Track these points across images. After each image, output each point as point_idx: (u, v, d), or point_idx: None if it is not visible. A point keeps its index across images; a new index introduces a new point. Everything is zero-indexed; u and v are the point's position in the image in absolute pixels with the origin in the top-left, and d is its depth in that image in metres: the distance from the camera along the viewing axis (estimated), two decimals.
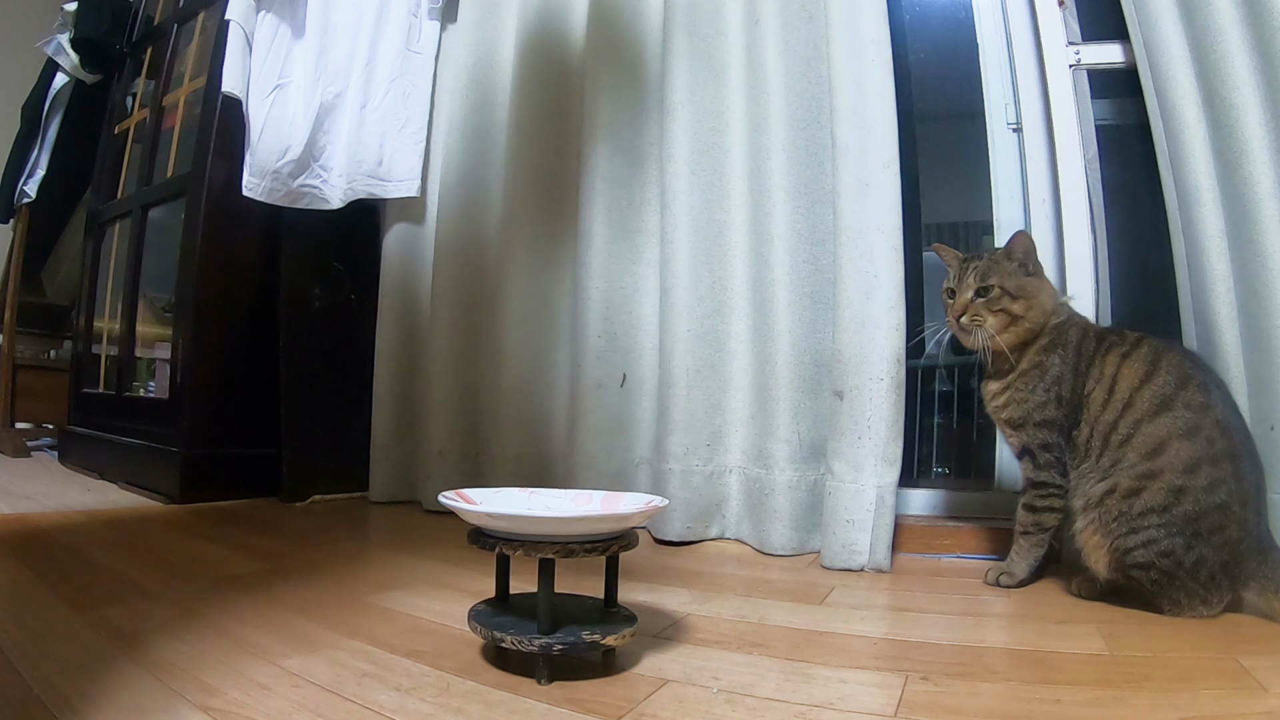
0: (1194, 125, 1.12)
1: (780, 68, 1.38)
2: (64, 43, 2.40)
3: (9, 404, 2.65)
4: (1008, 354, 1.07)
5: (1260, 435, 1.05)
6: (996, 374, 1.10)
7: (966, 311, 1.08)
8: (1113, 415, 0.99)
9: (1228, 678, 0.71)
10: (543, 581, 0.69)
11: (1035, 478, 1.05)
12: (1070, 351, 1.05)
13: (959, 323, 1.09)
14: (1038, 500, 1.05)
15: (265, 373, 1.77)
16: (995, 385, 1.10)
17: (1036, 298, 1.07)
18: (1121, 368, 1.01)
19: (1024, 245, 1.08)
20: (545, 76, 1.68)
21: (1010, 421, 1.08)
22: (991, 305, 1.07)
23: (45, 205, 2.64)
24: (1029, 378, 1.06)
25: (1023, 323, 1.07)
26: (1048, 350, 1.06)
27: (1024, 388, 1.06)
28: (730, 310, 1.41)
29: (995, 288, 1.07)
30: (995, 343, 1.07)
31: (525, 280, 1.66)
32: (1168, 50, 1.15)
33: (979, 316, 1.07)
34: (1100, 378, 1.02)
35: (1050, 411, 1.04)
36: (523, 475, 1.60)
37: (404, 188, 1.83)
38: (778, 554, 1.29)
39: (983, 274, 1.08)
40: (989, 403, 1.12)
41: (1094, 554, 0.97)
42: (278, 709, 0.61)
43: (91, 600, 0.90)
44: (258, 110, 1.71)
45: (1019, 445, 1.08)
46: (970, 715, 0.63)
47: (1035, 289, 1.07)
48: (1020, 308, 1.06)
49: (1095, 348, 1.04)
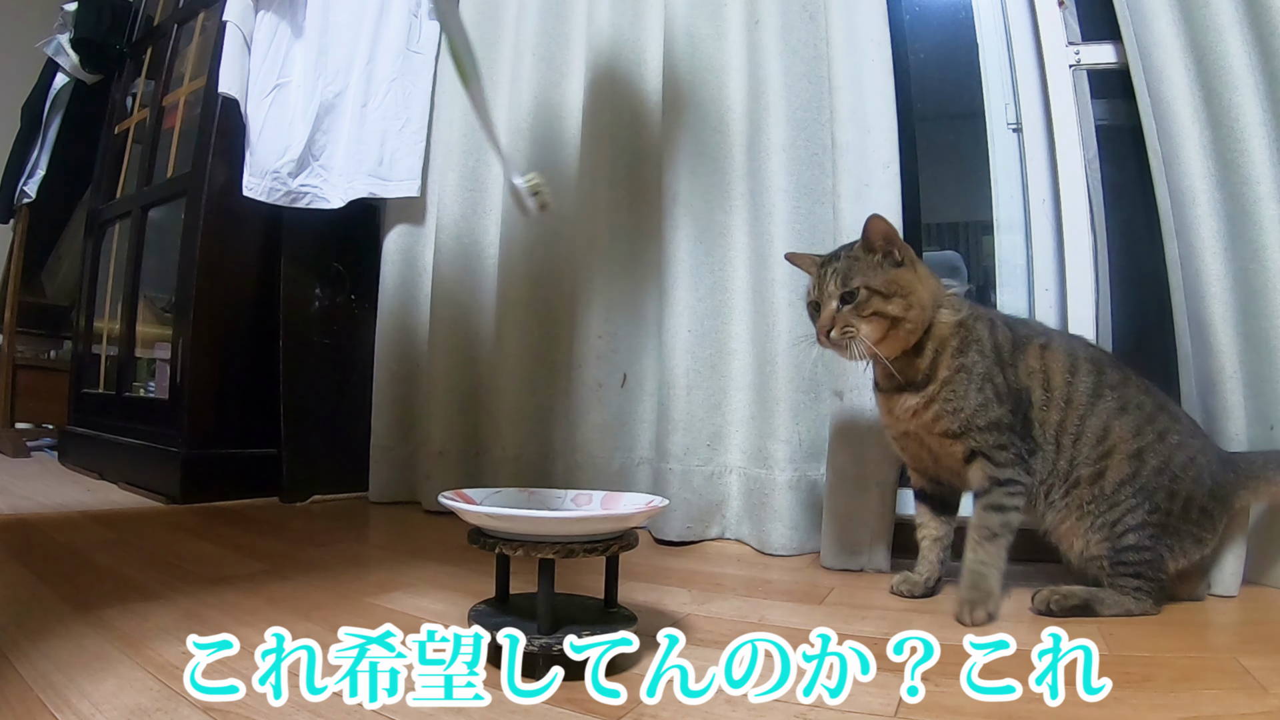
0: (1189, 126, 1.12)
1: (780, 68, 1.38)
2: (64, 43, 2.40)
3: (9, 404, 2.66)
4: (900, 362, 0.96)
5: (1259, 435, 1.06)
6: (908, 386, 0.98)
7: (835, 325, 0.94)
8: (1058, 415, 0.97)
9: (1228, 678, 0.71)
10: (543, 581, 0.69)
11: (1000, 475, 0.95)
12: (987, 345, 0.97)
13: (830, 339, 0.95)
14: (1006, 499, 0.95)
15: (265, 373, 1.77)
16: (912, 400, 0.97)
17: (913, 292, 0.94)
18: (1047, 361, 0.98)
19: (880, 231, 0.93)
20: (544, 76, 1.68)
21: (948, 433, 0.97)
22: (861, 310, 0.93)
23: (45, 205, 2.65)
24: (955, 384, 0.96)
25: (903, 324, 0.94)
26: (961, 351, 0.96)
27: (953, 397, 0.96)
28: (730, 310, 1.41)
29: (861, 289, 0.93)
30: (876, 352, 0.94)
31: (526, 281, 1.65)
32: (1163, 51, 1.15)
33: (850, 328, 0.93)
34: (1031, 371, 0.98)
35: (995, 411, 0.95)
36: (523, 475, 1.60)
37: (404, 187, 1.83)
38: (778, 554, 1.29)
39: (843, 276, 0.94)
40: (904, 420, 0.99)
41: (1075, 541, 0.97)
42: (278, 709, 0.61)
43: (91, 600, 0.90)
44: (257, 110, 1.71)
45: (963, 452, 0.97)
46: (970, 715, 0.63)
47: (909, 281, 0.94)
48: (896, 307, 0.93)
49: (1012, 337, 0.99)
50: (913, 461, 1.07)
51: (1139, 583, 0.93)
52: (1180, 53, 1.13)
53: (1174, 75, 1.13)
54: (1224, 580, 1.03)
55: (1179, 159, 1.13)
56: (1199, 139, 1.11)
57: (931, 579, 1.04)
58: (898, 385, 0.99)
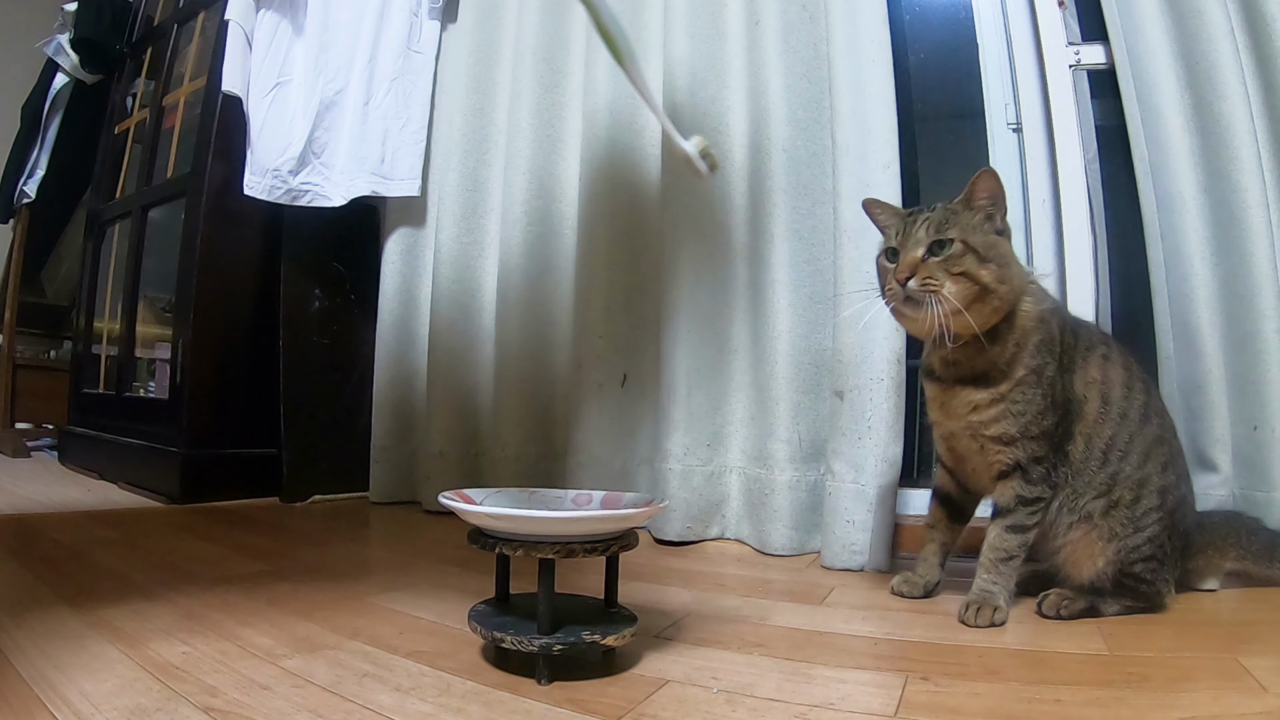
0: (1178, 133, 1.12)
1: (780, 68, 1.38)
2: (64, 43, 2.40)
3: (9, 404, 2.65)
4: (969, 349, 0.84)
5: (1244, 435, 1.08)
6: (973, 380, 0.88)
7: (916, 273, 0.81)
8: (1111, 429, 0.90)
9: (1228, 678, 0.71)
10: (543, 581, 0.69)
11: (1028, 494, 0.89)
12: (1057, 348, 0.89)
13: (905, 289, 0.81)
14: (1028, 518, 0.89)
15: (265, 373, 1.77)
16: (978, 395, 0.87)
17: (1009, 265, 0.83)
18: (1108, 373, 0.92)
19: (990, 189, 0.83)
20: (544, 76, 1.67)
21: (1001, 437, 0.88)
22: (951, 266, 0.80)
23: (45, 205, 2.64)
24: (1027, 386, 0.86)
25: (991, 298, 0.82)
26: (1040, 350, 0.87)
27: (1021, 399, 0.86)
28: (731, 310, 1.41)
29: (956, 242, 0.81)
30: (958, 321, 0.80)
31: (526, 281, 1.65)
32: (1151, 58, 1.16)
33: (933, 280, 0.80)
34: (1089, 382, 0.91)
35: (1048, 421, 0.88)
36: (523, 475, 1.60)
37: (405, 187, 1.83)
38: (778, 554, 1.29)
39: (938, 225, 0.82)
40: (965, 415, 0.89)
41: (1085, 562, 0.91)
42: (278, 709, 0.61)
43: (91, 600, 0.90)
44: (258, 108, 1.71)
45: (1009, 462, 0.89)
46: (970, 715, 0.63)
47: (1008, 253, 0.84)
48: (990, 275, 0.81)
49: (1075, 344, 0.92)
50: (955, 462, 0.99)
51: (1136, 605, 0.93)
52: (1169, 60, 1.14)
53: (1163, 82, 1.14)
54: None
55: (1166, 165, 1.13)
56: (1186, 146, 1.12)
57: (931, 582, 1.03)
58: (959, 376, 0.88)
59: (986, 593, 0.89)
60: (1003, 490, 0.91)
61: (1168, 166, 1.13)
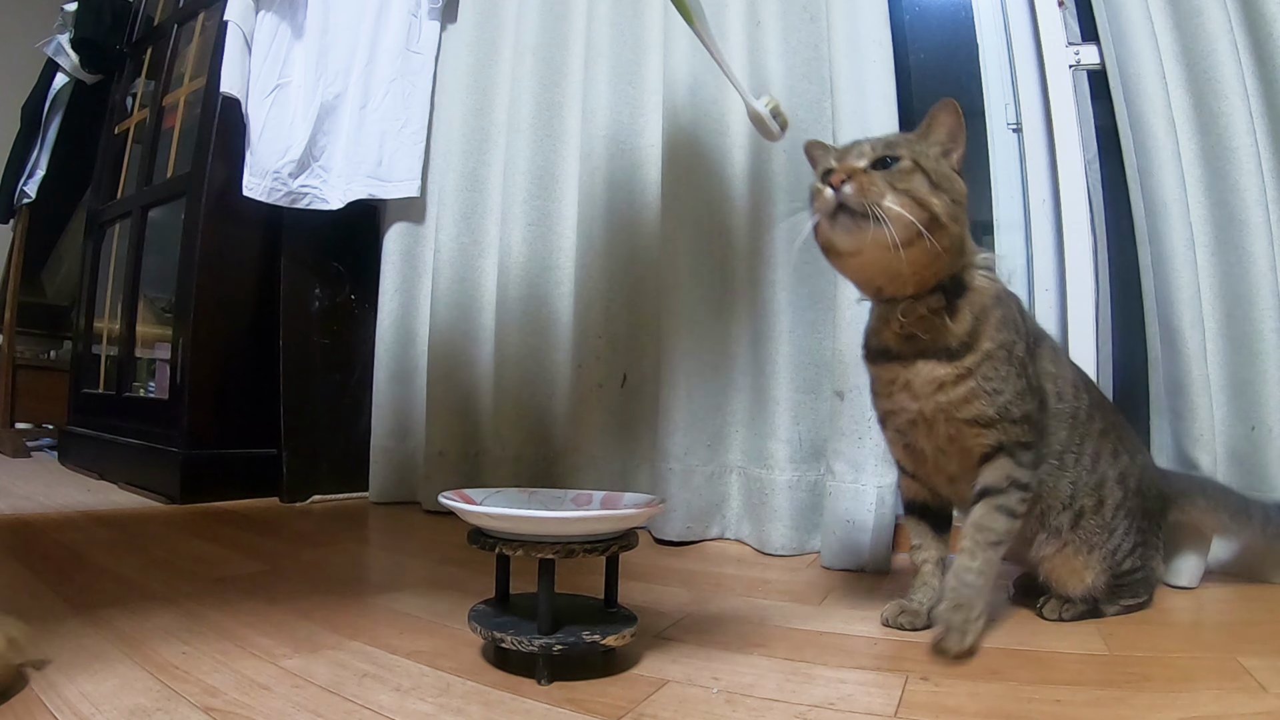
0: (1163, 136, 1.12)
1: (781, 69, 1.38)
2: (64, 43, 2.40)
3: (9, 404, 2.65)
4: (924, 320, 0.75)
5: (1241, 435, 1.08)
6: (934, 353, 0.78)
7: (853, 178, 0.71)
8: (1065, 432, 0.87)
9: (1228, 678, 0.71)
10: (543, 581, 0.69)
11: (1021, 477, 0.80)
12: (1023, 330, 0.82)
13: (840, 193, 0.71)
14: (1019, 504, 0.80)
15: (265, 373, 1.77)
16: (942, 370, 0.77)
17: (962, 205, 0.74)
18: (1060, 369, 0.89)
19: (949, 123, 0.75)
20: (544, 76, 1.67)
21: (979, 419, 0.79)
22: (896, 181, 0.71)
23: (45, 205, 2.65)
24: (998, 362, 0.77)
25: (943, 235, 0.72)
26: (1003, 327, 0.79)
27: (994, 376, 0.77)
28: (731, 311, 1.41)
29: (905, 159, 0.72)
30: (909, 257, 0.71)
31: (526, 281, 1.65)
32: (1139, 62, 1.15)
33: (875, 188, 0.70)
34: (1044, 374, 0.86)
35: (1029, 403, 0.80)
36: (523, 475, 1.60)
37: (404, 188, 1.83)
38: (778, 554, 1.29)
39: (886, 143, 0.75)
40: (924, 397, 0.79)
41: (1071, 578, 0.89)
42: (278, 709, 0.61)
43: (91, 600, 0.90)
44: (258, 110, 1.71)
45: (992, 443, 0.80)
46: (970, 715, 0.63)
47: (963, 195, 0.75)
48: (941, 205, 0.71)
49: (1029, 333, 0.86)
50: (915, 462, 0.89)
51: (1136, 601, 0.93)
52: (1156, 64, 1.14)
53: (1149, 87, 1.14)
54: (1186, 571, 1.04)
55: (1152, 169, 1.13)
56: (1173, 149, 1.12)
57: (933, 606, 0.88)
58: (919, 350, 0.79)
59: (966, 591, 0.76)
60: (991, 472, 0.80)
61: (1153, 171, 1.13)
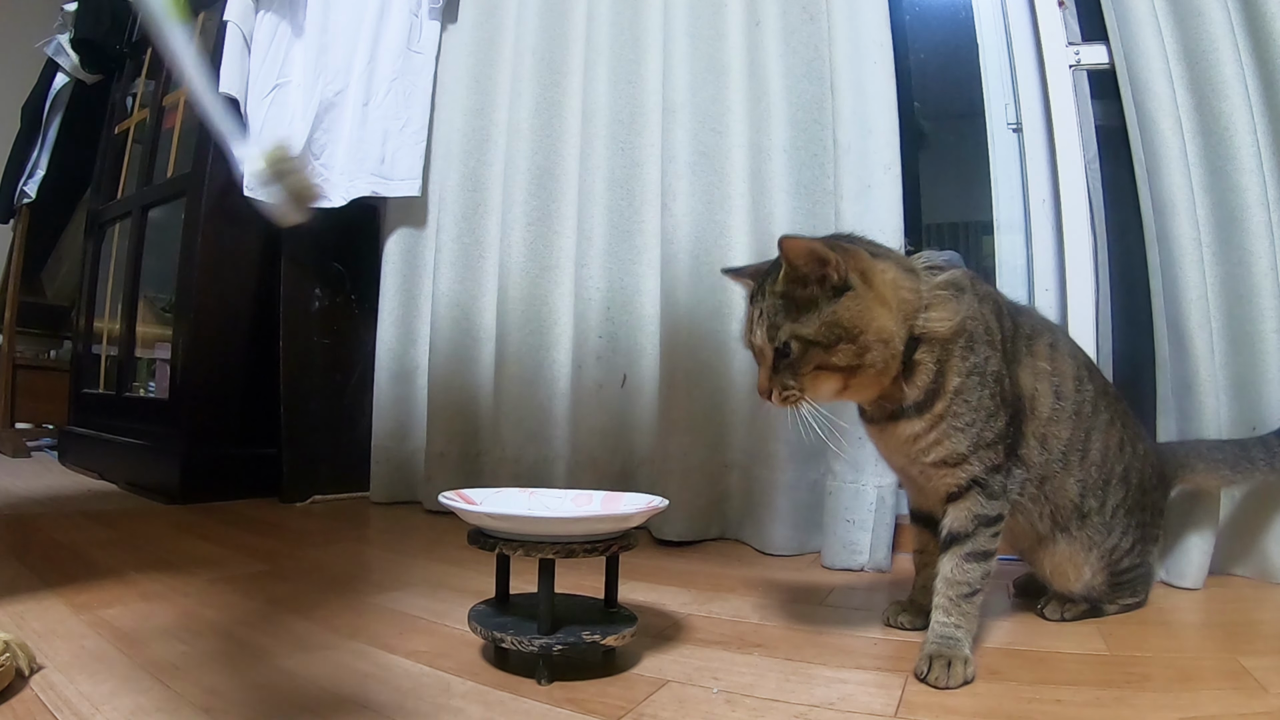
0: (1170, 135, 1.12)
1: (781, 69, 1.38)
2: (64, 43, 2.40)
3: (9, 404, 2.65)
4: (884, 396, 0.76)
5: (1243, 435, 1.07)
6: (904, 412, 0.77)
7: (774, 392, 0.74)
8: (1068, 430, 0.83)
9: (1228, 678, 0.71)
10: (543, 582, 0.69)
11: (989, 512, 0.76)
12: (995, 335, 0.79)
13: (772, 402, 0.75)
14: (990, 541, 0.77)
15: (265, 373, 1.77)
16: (915, 426, 0.77)
17: (866, 327, 0.71)
18: (1058, 364, 0.85)
19: (801, 252, 0.70)
20: (544, 76, 1.67)
21: (948, 459, 0.77)
22: (800, 369, 0.72)
23: (45, 205, 2.65)
24: (968, 393, 0.75)
25: (863, 370, 0.72)
26: (970, 349, 0.76)
27: (965, 408, 0.75)
28: (732, 311, 1.41)
29: (792, 344, 0.72)
30: (834, 394, 0.74)
31: (526, 281, 1.65)
32: (1147, 60, 1.15)
33: (791, 391, 0.73)
34: (1039, 373, 0.82)
35: (1000, 422, 0.77)
36: (523, 476, 1.60)
37: (405, 187, 1.83)
38: (778, 554, 1.29)
39: (770, 324, 0.73)
40: (908, 448, 0.79)
41: (1071, 574, 0.88)
42: (278, 709, 0.61)
43: (91, 600, 0.90)
44: (257, 110, 1.71)
45: (962, 480, 0.77)
46: (970, 715, 0.63)
47: (858, 313, 0.71)
48: (844, 356, 0.71)
49: (1015, 332, 0.82)
50: (914, 490, 0.90)
51: (1135, 600, 0.93)
52: (1163, 63, 1.14)
53: (1157, 86, 1.14)
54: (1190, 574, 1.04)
55: (1160, 169, 1.13)
56: (1180, 149, 1.12)
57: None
58: (890, 413, 0.79)
59: (949, 640, 0.73)
60: (957, 513, 0.78)
61: (1161, 170, 1.13)
